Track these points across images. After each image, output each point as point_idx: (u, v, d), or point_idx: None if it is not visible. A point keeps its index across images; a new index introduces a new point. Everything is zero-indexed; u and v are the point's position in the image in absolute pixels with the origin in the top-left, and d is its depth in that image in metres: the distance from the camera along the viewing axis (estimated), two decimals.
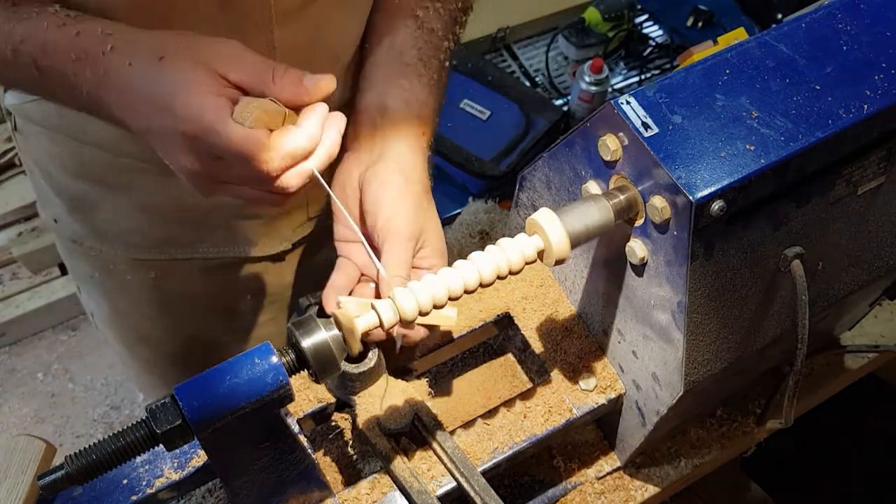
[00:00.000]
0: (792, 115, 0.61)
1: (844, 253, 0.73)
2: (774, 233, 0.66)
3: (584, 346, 0.81)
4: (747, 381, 0.91)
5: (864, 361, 1.03)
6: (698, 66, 0.64)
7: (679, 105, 0.61)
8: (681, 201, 0.59)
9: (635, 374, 0.76)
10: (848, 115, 0.62)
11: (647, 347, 0.72)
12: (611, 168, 0.65)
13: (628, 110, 0.61)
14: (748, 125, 0.61)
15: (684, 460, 0.91)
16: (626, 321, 0.73)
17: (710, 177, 0.58)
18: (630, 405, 0.79)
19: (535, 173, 0.77)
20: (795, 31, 0.66)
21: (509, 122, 1.93)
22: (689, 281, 0.62)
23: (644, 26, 2.21)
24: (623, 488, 0.88)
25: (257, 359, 0.58)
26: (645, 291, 0.68)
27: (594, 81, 1.95)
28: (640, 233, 0.65)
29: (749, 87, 0.62)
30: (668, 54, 2.15)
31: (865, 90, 0.63)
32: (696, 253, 0.61)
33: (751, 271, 0.67)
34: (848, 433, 1.47)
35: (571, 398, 0.78)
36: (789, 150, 0.60)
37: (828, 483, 1.48)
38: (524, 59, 2.15)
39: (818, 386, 1.01)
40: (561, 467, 0.88)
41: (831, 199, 0.68)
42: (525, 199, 0.82)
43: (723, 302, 0.66)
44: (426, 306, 0.59)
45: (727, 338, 0.69)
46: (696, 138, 0.60)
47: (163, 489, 0.71)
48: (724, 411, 0.95)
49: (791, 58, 0.64)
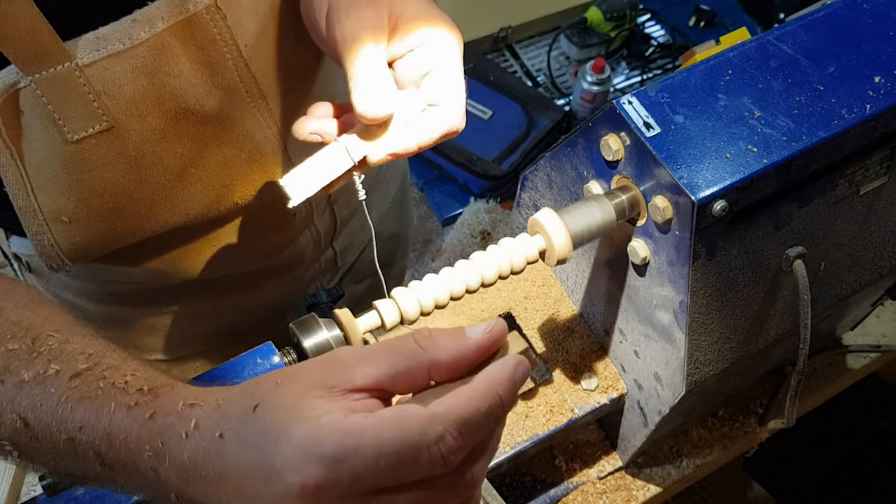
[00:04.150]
0: (794, 115, 0.61)
1: (846, 253, 0.73)
2: (776, 233, 0.66)
3: (585, 346, 0.81)
4: (749, 380, 0.91)
5: (866, 361, 1.03)
6: (700, 66, 0.64)
7: (681, 105, 0.61)
8: (683, 201, 0.59)
9: (637, 373, 0.76)
10: (850, 115, 0.61)
11: (649, 347, 0.72)
12: (613, 168, 0.65)
13: (630, 110, 0.61)
14: (750, 125, 0.61)
15: (686, 460, 0.91)
16: (628, 321, 0.73)
17: (712, 177, 0.58)
18: (632, 405, 0.79)
19: (537, 173, 0.77)
20: (798, 30, 0.66)
21: (511, 122, 1.93)
22: (691, 281, 0.62)
23: (646, 26, 2.21)
24: (625, 488, 0.88)
25: (259, 358, 0.58)
26: (647, 291, 0.68)
27: (596, 81, 1.95)
28: (642, 233, 0.65)
29: (751, 87, 0.62)
30: (670, 54, 2.15)
31: (868, 90, 0.63)
32: (698, 253, 0.61)
33: (753, 271, 0.67)
34: (850, 433, 1.47)
35: (573, 398, 0.78)
36: (791, 150, 0.60)
37: (830, 483, 1.48)
38: (526, 59, 2.15)
39: (820, 386, 1.01)
40: (563, 467, 0.88)
41: (833, 199, 0.68)
42: (527, 199, 0.81)
43: (725, 302, 0.66)
44: (428, 306, 0.59)
45: (729, 338, 0.69)
46: (699, 138, 0.60)
47: None
48: (726, 411, 0.95)
49: (793, 57, 0.64)
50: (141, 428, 0.45)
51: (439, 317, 0.81)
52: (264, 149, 0.73)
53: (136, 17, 0.60)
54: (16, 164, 0.62)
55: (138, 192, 0.68)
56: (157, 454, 0.44)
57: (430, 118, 0.58)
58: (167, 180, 0.68)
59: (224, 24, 0.63)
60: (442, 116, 0.58)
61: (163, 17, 0.60)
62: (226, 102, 0.67)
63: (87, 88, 0.59)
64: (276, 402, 0.41)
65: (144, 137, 0.64)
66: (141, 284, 0.83)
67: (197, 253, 0.80)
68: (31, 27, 0.55)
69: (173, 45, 0.62)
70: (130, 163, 0.65)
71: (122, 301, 0.86)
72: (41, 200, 0.65)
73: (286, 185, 0.58)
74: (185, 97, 0.64)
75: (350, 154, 0.58)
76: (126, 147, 0.64)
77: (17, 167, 0.62)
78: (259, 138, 0.72)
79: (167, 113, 0.64)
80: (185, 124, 0.66)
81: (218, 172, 0.71)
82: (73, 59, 0.58)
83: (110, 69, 0.60)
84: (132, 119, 0.63)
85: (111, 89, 0.60)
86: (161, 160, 0.67)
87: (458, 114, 0.59)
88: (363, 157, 0.59)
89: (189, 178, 0.70)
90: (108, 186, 0.66)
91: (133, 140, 0.64)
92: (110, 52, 0.59)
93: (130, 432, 0.45)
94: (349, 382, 0.42)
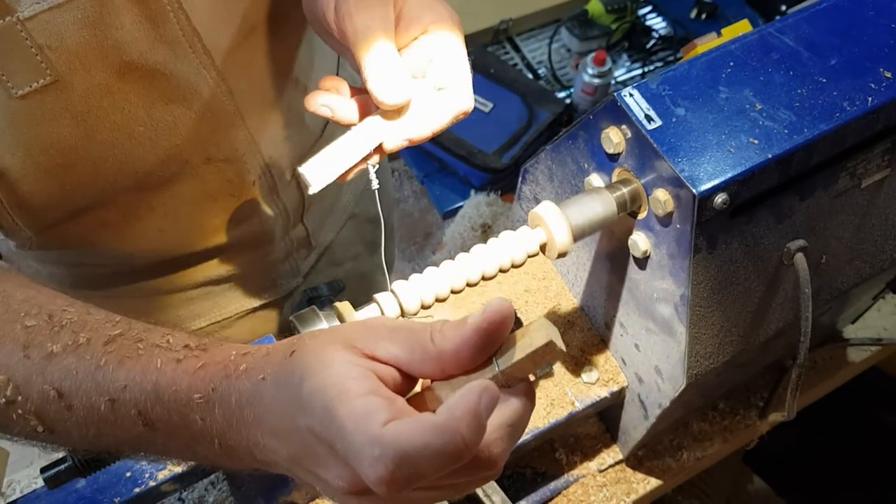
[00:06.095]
0: (796, 107, 0.61)
1: (848, 246, 0.73)
2: (778, 226, 0.66)
3: (586, 339, 0.81)
4: (750, 374, 0.91)
5: (867, 354, 1.03)
6: (702, 59, 0.63)
7: (682, 97, 0.61)
8: (684, 194, 0.59)
9: (638, 367, 0.76)
10: (852, 107, 0.61)
11: (650, 340, 0.72)
12: (614, 161, 0.65)
13: (631, 103, 0.61)
14: (752, 118, 0.60)
15: (686, 453, 0.92)
16: (629, 314, 0.73)
17: (713, 170, 0.58)
18: (632, 398, 0.79)
19: (538, 166, 0.77)
20: (799, 23, 0.65)
21: (512, 115, 1.93)
22: (691, 274, 0.62)
23: (647, 18, 2.20)
24: (625, 481, 0.88)
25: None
26: (647, 284, 0.68)
27: (597, 74, 1.94)
28: (643, 226, 0.65)
29: (753, 80, 0.62)
30: (671, 46, 2.14)
31: (870, 82, 0.62)
32: (699, 246, 0.61)
33: (754, 264, 0.67)
34: (851, 426, 1.47)
35: (574, 391, 0.78)
36: (793, 143, 0.60)
37: (830, 476, 1.48)
38: (527, 52, 2.15)
39: (821, 379, 1.01)
40: (563, 460, 0.88)
41: (835, 192, 0.68)
42: (528, 192, 0.81)
43: (726, 295, 0.66)
44: (428, 300, 0.59)
45: (730, 331, 0.69)
46: (700, 131, 0.60)
47: (165, 481, 0.71)
48: (726, 404, 0.95)
49: (795, 50, 0.64)
50: (193, 377, 0.47)
51: (440, 310, 0.81)
52: (213, 107, 0.73)
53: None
54: None
55: (85, 148, 0.68)
56: (208, 401, 0.46)
57: (440, 102, 0.60)
58: (115, 137, 0.68)
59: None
60: (452, 99, 0.60)
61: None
62: (170, 57, 0.67)
63: (30, 42, 0.59)
64: (308, 348, 0.45)
65: (90, 91, 0.64)
66: (104, 266, 0.83)
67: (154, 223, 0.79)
68: None
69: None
70: (77, 118, 0.65)
71: (90, 284, 0.87)
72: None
73: (305, 173, 0.59)
74: (128, 50, 0.64)
75: (369, 140, 0.60)
76: (72, 101, 0.64)
77: None
78: (206, 96, 0.72)
79: (111, 66, 0.64)
80: (130, 79, 0.66)
81: (167, 131, 0.71)
82: (15, 13, 0.58)
83: (52, 21, 0.59)
84: (76, 73, 0.63)
85: (54, 42, 0.60)
86: (108, 116, 0.67)
87: (467, 95, 0.60)
88: (379, 143, 0.60)
89: (138, 137, 0.70)
90: (54, 142, 0.66)
91: (78, 94, 0.64)
92: (51, 4, 0.59)
93: (181, 384, 0.47)
94: (372, 351, 0.44)
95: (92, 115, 0.66)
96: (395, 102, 0.58)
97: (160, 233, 0.80)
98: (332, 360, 0.43)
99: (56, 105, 0.64)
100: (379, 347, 0.44)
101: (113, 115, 0.67)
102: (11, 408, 0.50)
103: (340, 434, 0.40)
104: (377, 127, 0.60)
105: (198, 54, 0.69)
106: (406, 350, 0.44)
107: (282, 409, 0.44)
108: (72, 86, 0.63)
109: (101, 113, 0.66)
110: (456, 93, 0.60)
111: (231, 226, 0.85)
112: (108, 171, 0.71)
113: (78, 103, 0.64)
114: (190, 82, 0.69)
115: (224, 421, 0.46)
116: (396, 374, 0.45)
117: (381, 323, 0.46)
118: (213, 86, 0.71)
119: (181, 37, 0.66)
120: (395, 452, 0.39)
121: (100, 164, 0.70)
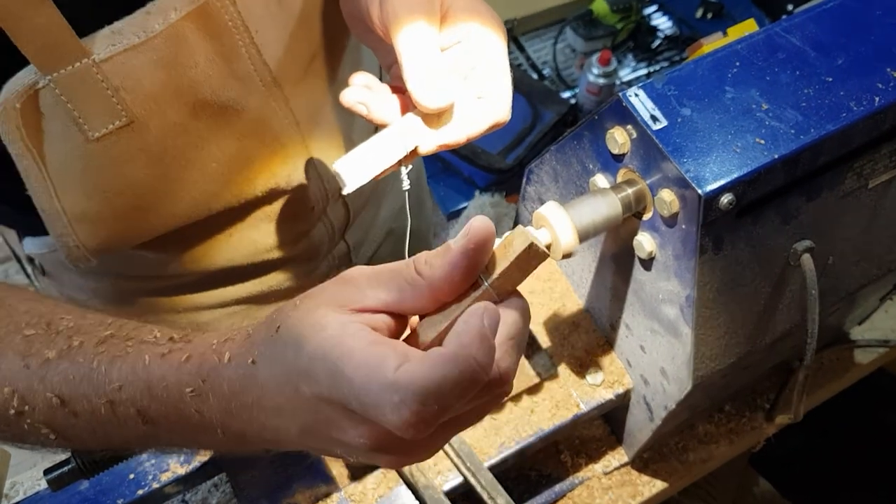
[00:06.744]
0: (802, 107, 0.61)
1: (855, 247, 0.73)
2: (784, 227, 0.66)
3: (591, 341, 0.80)
4: (756, 375, 0.91)
5: (875, 356, 1.02)
6: (708, 59, 0.63)
7: (688, 98, 0.61)
8: (689, 195, 0.58)
9: (643, 368, 0.76)
10: (859, 107, 0.61)
11: (655, 342, 0.71)
12: (619, 161, 0.64)
13: (637, 103, 0.60)
14: (758, 118, 0.60)
15: (692, 455, 0.91)
16: (634, 315, 0.73)
17: (719, 170, 0.58)
18: (638, 400, 0.79)
19: (543, 166, 0.76)
20: (806, 22, 0.65)
21: (516, 115, 1.92)
22: (697, 275, 0.62)
23: (652, 18, 2.20)
24: (630, 483, 0.88)
25: None
26: (653, 286, 0.68)
27: (602, 74, 1.94)
28: (649, 227, 0.65)
29: (759, 80, 0.62)
30: (676, 46, 2.13)
31: (877, 82, 0.62)
32: (705, 247, 0.61)
33: (760, 265, 0.66)
34: (858, 428, 1.46)
35: (579, 393, 0.78)
36: (800, 143, 0.59)
37: (837, 478, 1.47)
38: (531, 52, 2.15)
39: (828, 381, 1.00)
40: (568, 462, 0.88)
41: (842, 192, 0.67)
42: (532, 193, 0.81)
43: (732, 296, 0.66)
44: None
45: (736, 332, 0.69)
46: (706, 131, 0.59)
47: (169, 483, 0.71)
48: (732, 406, 0.95)
49: (801, 49, 0.63)
50: (179, 371, 0.46)
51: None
52: (283, 139, 0.73)
53: (149, 10, 0.60)
54: (38, 168, 0.62)
55: (161, 188, 0.68)
56: (200, 393, 0.45)
57: (478, 110, 0.59)
58: (189, 175, 0.68)
59: (235, 11, 0.63)
60: (490, 109, 0.59)
61: (175, 8, 0.60)
62: (241, 92, 0.67)
63: (105, 84, 0.59)
64: (294, 319, 0.44)
65: (164, 132, 0.64)
66: (155, 277, 0.83)
67: (214, 243, 0.79)
68: (47, 24, 0.55)
69: (187, 36, 0.61)
70: (152, 158, 0.65)
71: (133, 299, 0.86)
72: (65, 202, 0.65)
73: (340, 170, 0.58)
74: (201, 88, 0.64)
75: (406, 142, 0.58)
76: (147, 142, 0.64)
77: (40, 170, 0.62)
78: (277, 128, 0.72)
79: (185, 105, 0.64)
80: (203, 117, 0.66)
81: (239, 166, 0.71)
82: (91, 56, 0.58)
83: (127, 63, 0.59)
84: (151, 113, 0.62)
85: (129, 84, 0.60)
86: (183, 154, 0.67)
87: (506, 106, 0.60)
88: (415, 146, 0.59)
89: (211, 173, 0.70)
90: (130, 184, 0.66)
91: (153, 135, 0.64)
92: (126, 45, 0.59)
93: (170, 378, 0.46)
94: (360, 303, 0.44)
95: (167, 154, 0.65)
96: (436, 107, 0.57)
97: (217, 250, 0.81)
98: (325, 324, 0.42)
99: (131, 146, 0.63)
100: (366, 297, 0.44)
101: (187, 153, 0.67)
102: (21, 419, 0.49)
103: (353, 391, 0.40)
104: (414, 129, 0.59)
105: (268, 87, 0.69)
106: (394, 290, 0.44)
107: (280, 387, 0.43)
108: (147, 126, 0.63)
109: (175, 152, 0.66)
110: (495, 103, 0.59)
111: (284, 245, 0.85)
112: (183, 208, 0.70)
113: (153, 144, 0.64)
114: (261, 116, 0.69)
115: (222, 410, 0.46)
116: (389, 319, 0.44)
117: (359, 273, 0.45)
118: (282, 118, 0.71)
119: (252, 72, 0.66)
120: (415, 393, 0.39)
121: (174, 202, 0.69)
